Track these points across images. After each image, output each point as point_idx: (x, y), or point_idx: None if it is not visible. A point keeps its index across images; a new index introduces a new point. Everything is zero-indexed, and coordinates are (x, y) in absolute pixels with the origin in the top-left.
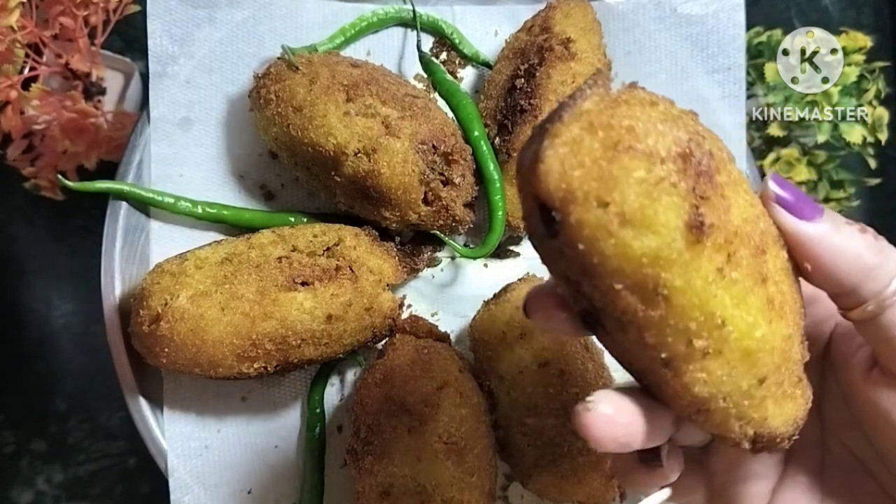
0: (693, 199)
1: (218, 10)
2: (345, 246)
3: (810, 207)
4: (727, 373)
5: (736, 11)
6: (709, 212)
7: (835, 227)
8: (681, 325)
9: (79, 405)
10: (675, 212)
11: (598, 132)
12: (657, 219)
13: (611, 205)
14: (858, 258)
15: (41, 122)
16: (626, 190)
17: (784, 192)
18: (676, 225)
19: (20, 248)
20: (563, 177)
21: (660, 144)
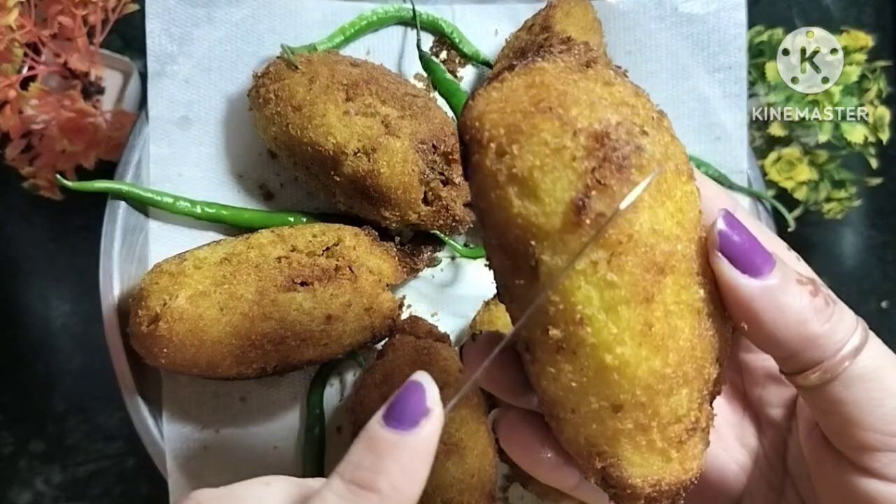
0: (589, 180)
1: (217, 9)
2: (344, 246)
3: (760, 259)
4: (577, 379)
5: (737, 10)
6: (599, 200)
7: (782, 285)
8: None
9: (77, 406)
10: (563, 185)
11: (533, 88)
12: (542, 185)
13: (507, 157)
14: (802, 324)
15: (40, 122)
16: (527, 147)
17: (733, 238)
18: (561, 198)
19: (18, 248)
20: (480, 117)
21: (581, 117)
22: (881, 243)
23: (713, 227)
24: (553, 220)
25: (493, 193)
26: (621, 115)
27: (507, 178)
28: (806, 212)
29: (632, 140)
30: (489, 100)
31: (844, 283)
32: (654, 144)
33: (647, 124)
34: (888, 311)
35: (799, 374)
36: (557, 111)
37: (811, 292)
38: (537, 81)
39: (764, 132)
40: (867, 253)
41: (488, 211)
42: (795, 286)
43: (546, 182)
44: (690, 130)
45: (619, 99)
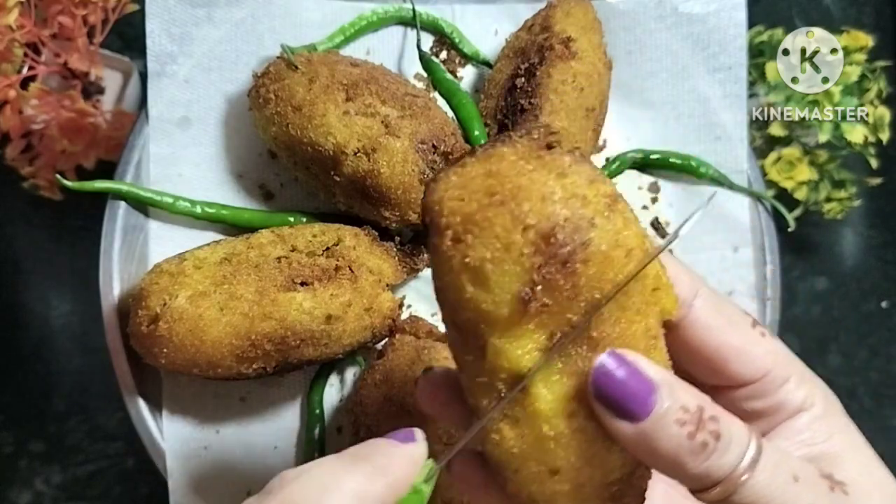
0: (535, 275)
1: (217, 8)
2: (344, 246)
3: (636, 403)
4: (518, 445)
5: (737, 10)
6: (546, 294)
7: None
8: (490, 380)
9: (77, 406)
10: (511, 278)
11: (490, 177)
12: (493, 277)
13: (461, 245)
14: (679, 466)
15: (39, 122)
16: (480, 239)
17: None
18: (509, 289)
19: (18, 249)
20: (440, 202)
21: (532, 213)
22: (881, 243)
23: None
24: (501, 309)
25: (447, 277)
26: (570, 210)
27: (461, 265)
28: (806, 212)
29: (578, 236)
30: (448, 185)
31: (844, 283)
32: (602, 236)
33: (598, 215)
34: (888, 310)
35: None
36: (510, 205)
37: (689, 434)
38: (494, 170)
39: (764, 132)
40: (867, 253)
41: (443, 290)
42: (672, 428)
43: (496, 274)
44: (690, 130)
45: (571, 191)
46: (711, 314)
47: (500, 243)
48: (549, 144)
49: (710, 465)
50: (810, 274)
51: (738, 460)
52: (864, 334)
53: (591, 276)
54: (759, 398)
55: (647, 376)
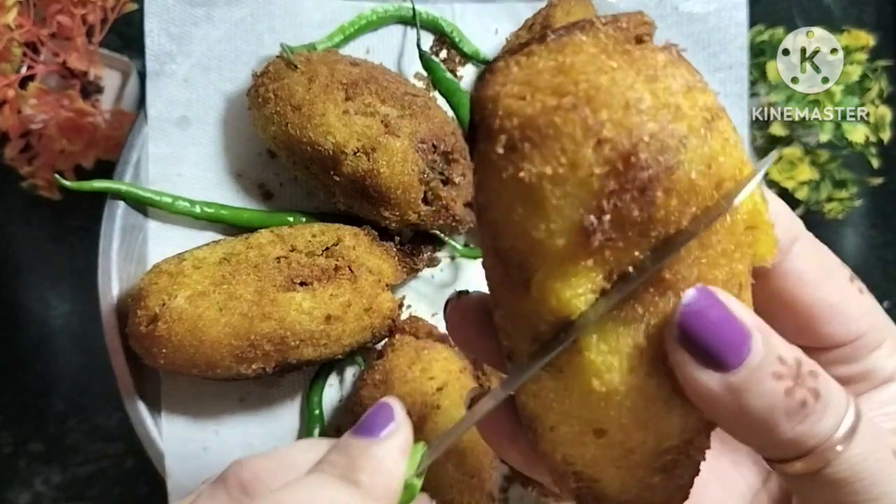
0: (605, 202)
1: (216, 8)
2: (344, 246)
3: (732, 350)
4: (559, 399)
5: (737, 10)
6: (614, 227)
7: (751, 382)
8: (531, 323)
9: (77, 406)
10: (574, 203)
11: (562, 73)
12: (551, 199)
13: (516, 155)
14: (769, 430)
15: (38, 122)
16: (541, 150)
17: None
18: (569, 217)
19: (17, 248)
20: (495, 99)
21: (609, 124)
22: (882, 243)
23: (675, 314)
24: (556, 240)
25: (494, 193)
26: (658, 124)
27: (514, 180)
28: (807, 212)
29: (663, 157)
30: (508, 78)
31: None
32: (694, 160)
33: (692, 133)
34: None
35: (777, 463)
36: (583, 111)
37: (787, 389)
38: (568, 64)
39: (765, 132)
40: (868, 253)
41: (487, 207)
42: (768, 382)
43: (555, 195)
44: None
45: (662, 100)
46: (810, 265)
47: (566, 158)
48: (640, 37)
49: (806, 429)
50: None
51: (836, 427)
52: None
53: (671, 209)
54: (848, 363)
55: (741, 319)
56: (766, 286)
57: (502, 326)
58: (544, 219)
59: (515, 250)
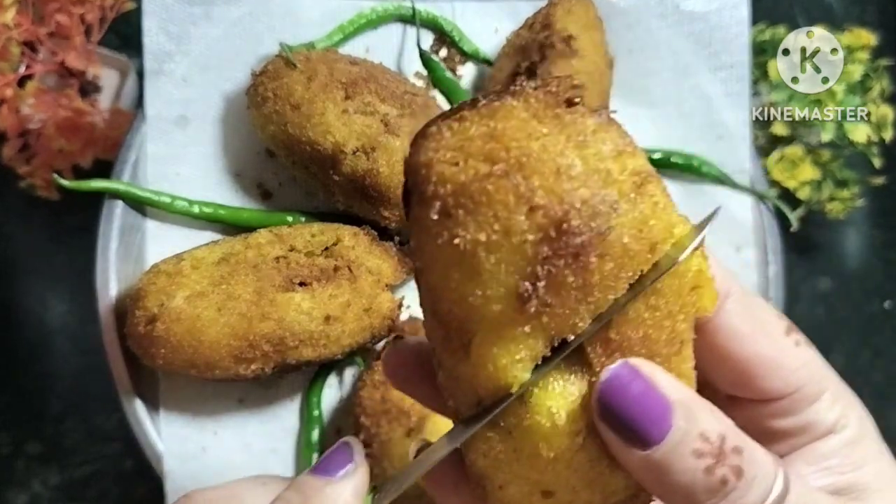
0: (539, 269)
1: (215, 6)
2: (343, 246)
3: (648, 426)
4: (508, 460)
5: (739, 8)
6: (549, 292)
7: (671, 459)
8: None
9: (75, 407)
10: (508, 269)
11: (493, 140)
12: (485, 267)
13: (450, 221)
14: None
15: (36, 121)
16: (474, 218)
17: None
18: (504, 283)
19: (15, 248)
20: (428, 164)
21: (542, 191)
22: (884, 243)
23: (595, 390)
24: (492, 306)
25: (430, 258)
26: (589, 190)
27: (449, 247)
28: (809, 211)
29: (595, 223)
30: (441, 143)
31: (848, 284)
32: (626, 224)
33: (622, 198)
34: (892, 311)
35: None
36: (515, 178)
37: (707, 468)
38: (499, 130)
39: (767, 131)
40: (870, 253)
41: (424, 271)
42: (688, 460)
43: (490, 262)
44: (692, 129)
45: (593, 165)
46: (744, 319)
47: (500, 225)
48: (570, 100)
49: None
50: (813, 274)
51: (761, 501)
52: (868, 335)
53: (605, 273)
54: (786, 416)
55: (663, 393)
56: (703, 340)
57: (446, 386)
58: (480, 285)
59: (453, 314)
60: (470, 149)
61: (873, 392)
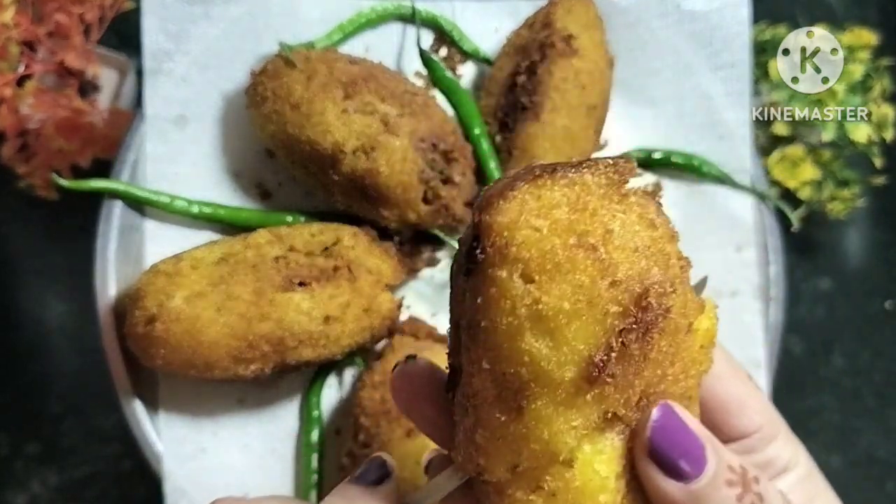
0: (614, 341)
1: (214, 6)
2: (343, 246)
3: (693, 462)
4: None
5: (740, 7)
6: (618, 364)
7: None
8: (517, 446)
9: (73, 407)
10: (585, 340)
11: (577, 211)
12: (565, 332)
13: (533, 286)
14: None
15: (35, 121)
16: (559, 284)
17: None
18: (579, 351)
19: (14, 248)
20: (512, 225)
21: (623, 268)
22: (885, 243)
23: (644, 430)
24: (564, 372)
25: (503, 317)
26: (660, 270)
27: (528, 310)
28: (810, 211)
29: (663, 303)
30: (525, 208)
31: (848, 283)
32: (678, 304)
33: (677, 279)
34: (892, 311)
35: None
36: (600, 252)
37: (738, 496)
38: (581, 203)
39: (767, 131)
40: (871, 252)
41: (490, 330)
42: (723, 490)
43: (570, 329)
44: (693, 129)
45: (659, 247)
46: (722, 365)
47: (583, 295)
48: (626, 179)
49: None
50: (814, 274)
51: None
52: (869, 334)
53: (661, 349)
54: (751, 454)
55: (697, 433)
56: None
57: (481, 444)
58: (556, 350)
59: (517, 376)
60: (555, 217)
61: (873, 392)
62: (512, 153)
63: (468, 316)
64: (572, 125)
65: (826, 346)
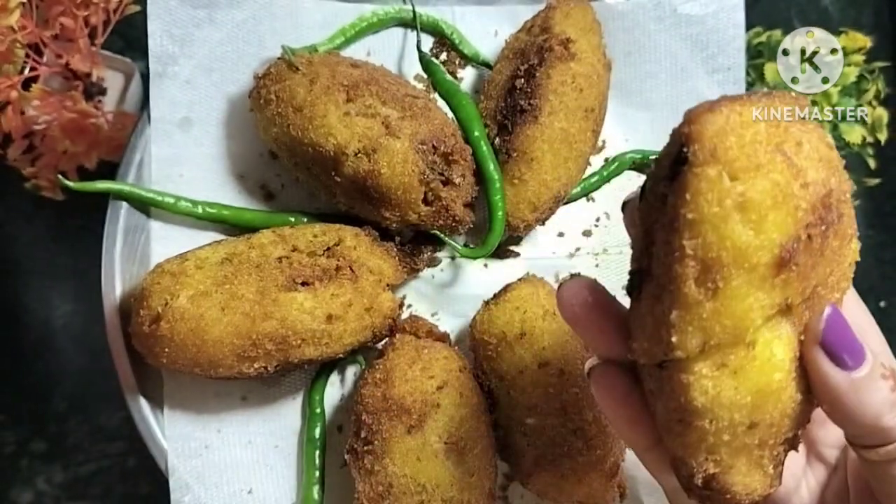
0: (802, 232)
1: (218, 10)
2: (345, 246)
3: (853, 354)
4: (732, 396)
5: (735, 11)
6: (803, 254)
7: (868, 380)
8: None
9: (79, 405)
10: (782, 228)
11: (775, 126)
12: (767, 220)
13: (738, 182)
14: (877, 417)
15: (41, 123)
16: (761, 182)
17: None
18: (775, 239)
19: (20, 249)
20: (721, 132)
21: (812, 172)
22: (879, 243)
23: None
24: (762, 254)
25: (712, 208)
26: (837, 181)
27: (736, 199)
28: None
29: (840, 207)
30: (732, 119)
31: None
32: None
33: (848, 192)
34: (886, 310)
35: (864, 449)
36: (794, 159)
37: (891, 387)
38: (776, 123)
39: None
40: (865, 253)
41: (696, 221)
42: (879, 381)
43: (771, 219)
44: None
45: (836, 164)
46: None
47: (781, 190)
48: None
49: None
50: None
51: None
52: None
53: (833, 249)
54: None
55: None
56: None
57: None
58: (759, 234)
59: (719, 259)
60: (756, 128)
61: None
62: (511, 155)
63: (669, 215)
64: (570, 128)
65: None
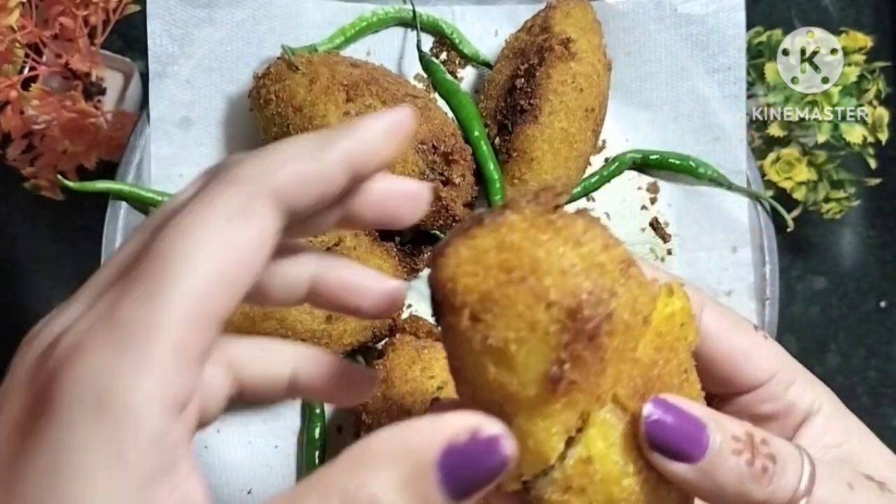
0: (563, 353)
1: (218, 10)
2: (344, 246)
3: (693, 444)
4: None
5: (736, 11)
6: (574, 371)
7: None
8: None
9: None
10: (538, 358)
11: (505, 251)
12: (518, 358)
13: (481, 325)
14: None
15: (41, 122)
16: (501, 319)
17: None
18: (536, 370)
19: (20, 249)
20: (453, 279)
21: (554, 289)
22: (880, 243)
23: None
24: (528, 390)
25: (467, 357)
26: (592, 282)
27: (482, 346)
28: (805, 212)
29: (602, 308)
30: (460, 260)
31: (843, 283)
32: (624, 305)
33: (616, 283)
34: (887, 310)
35: None
36: (530, 281)
37: (747, 461)
38: (507, 242)
39: (763, 132)
40: (866, 253)
41: (463, 370)
42: (730, 460)
43: (521, 354)
44: (689, 131)
45: (589, 261)
46: (719, 321)
47: (524, 322)
48: (556, 206)
49: (775, 488)
50: (809, 274)
51: (798, 478)
52: (863, 334)
53: (615, 347)
54: (770, 401)
55: (693, 415)
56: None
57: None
58: (516, 374)
59: (494, 402)
60: (486, 261)
61: (868, 391)
62: (511, 155)
63: (448, 361)
64: (570, 127)
65: (821, 345)
